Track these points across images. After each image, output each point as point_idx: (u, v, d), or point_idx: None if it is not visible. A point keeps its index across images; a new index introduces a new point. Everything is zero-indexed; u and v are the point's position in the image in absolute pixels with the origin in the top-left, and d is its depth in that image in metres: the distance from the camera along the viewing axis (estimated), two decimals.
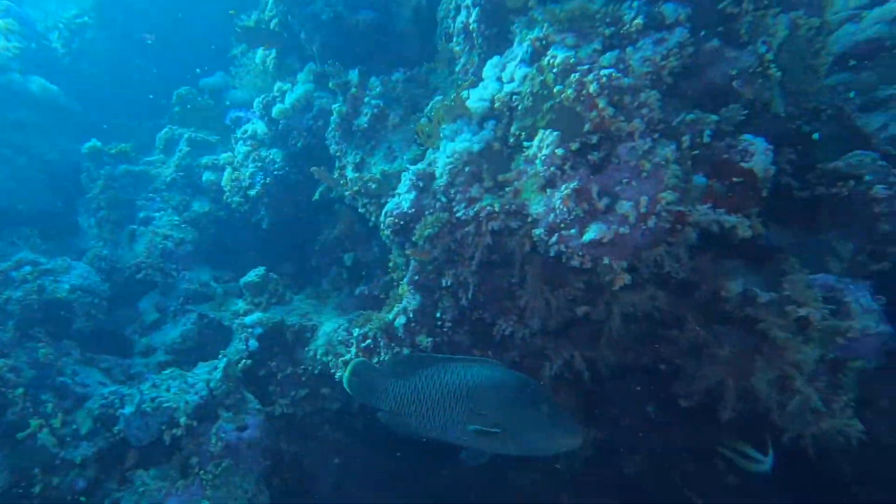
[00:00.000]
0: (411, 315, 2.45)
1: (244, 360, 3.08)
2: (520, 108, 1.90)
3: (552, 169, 1.81)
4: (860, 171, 1.85)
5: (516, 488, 2.51)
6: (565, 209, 1.78)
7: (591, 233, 1.74)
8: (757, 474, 1.85)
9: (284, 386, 3.03)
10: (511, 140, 1.97)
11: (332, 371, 2.72)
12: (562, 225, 1.82)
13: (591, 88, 1.64)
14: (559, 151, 1.77)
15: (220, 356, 3.05)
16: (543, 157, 1.83)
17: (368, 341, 2.57)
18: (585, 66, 1.68)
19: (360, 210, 2.73)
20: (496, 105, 2.00)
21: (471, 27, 2.12)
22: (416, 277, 2.41)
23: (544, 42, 1.80)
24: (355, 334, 2.63)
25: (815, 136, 1.85)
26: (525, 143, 1.90)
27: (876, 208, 1.84)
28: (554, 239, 1.84)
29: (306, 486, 2.98)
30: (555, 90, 1.74)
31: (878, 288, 1.77)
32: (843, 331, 1.61)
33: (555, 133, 1.78)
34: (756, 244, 1.74)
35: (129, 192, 3.73)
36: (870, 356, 1.65)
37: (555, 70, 1.74)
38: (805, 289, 1.65)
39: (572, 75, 1.69)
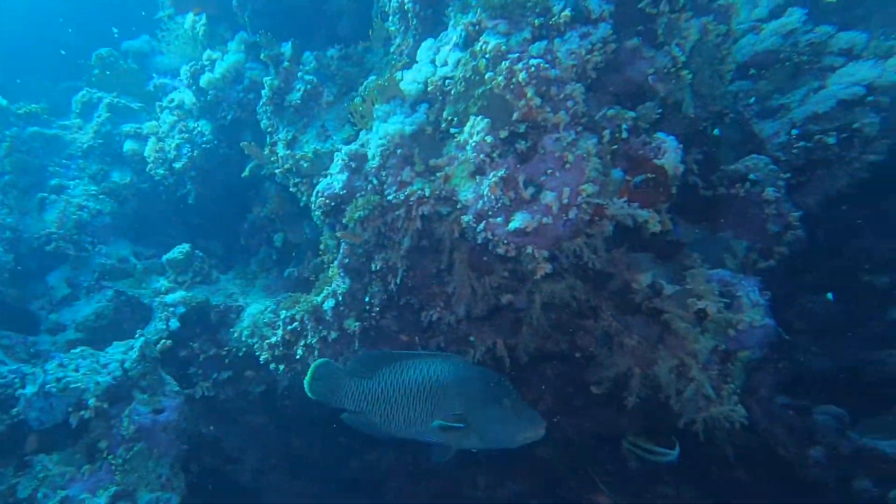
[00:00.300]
0: (340, 298, 2.35)
1: (164, 341, 2.86)
2: (453, 92, 1.83)
3: (482, 156, 1.76)
4: (754, 175, 1.95)
5: (433, 472, 2.49)
6: (493, 197, 1.75)
7: (517, 221, 1.72)
8: (664, 464, 1.93)
9: (206, 368, 2.85)
10: (443, 125, 1.91)
11: (258, 353, 2.58)
12: (489, 212, 1.78)
13: (521, 77, 1.59)
14: (489, 139, 1.73)
15: (138, 335, 2.82)
16: (474, 144, 1.77)
17: (295, 324, 2.46)
18: (516, 55, 1.63)
19: (291, 189, 2.58)
20: (429, 88, 1.92)
21: (406, 7, 2.02)
22: (347, 260, 2.31)
23: (477, 27, 1.73)
24: (282, 316, 2.51)
25: (716, 131, 1.92)
26: (452, 130, 1.84)
27: (766, 210, 1.95)
28: (481, 226, 1.81)
29: (226, 471, 2.82)
30: (486, 77, 1.69)
31: (765, 284, 1.87)
32: (734, 323, 1.68)
33: (485, 120, 1.73)
34: (664, 239, 1.79)
35: (40, 157, 3.34)
36: (755, 347, 1.75)
37: (487, 56, 1.68)
38: (704, 283, 1.71)
39: (503, 63, 1.63)
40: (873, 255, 2.73)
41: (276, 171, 2.56)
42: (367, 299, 2.31)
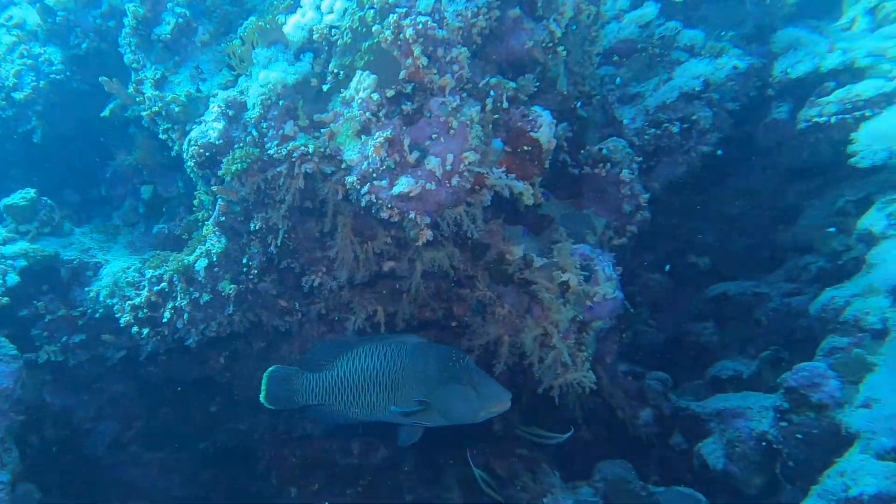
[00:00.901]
0: (214, 259, 2.01)
1: None
2: (339, 43, 1.58)
3: (367, 114, 1.55)
4: (614, 157, 1.99)
5: (307, 440, 2.29)
6: (378, 158, 1.56)
7: (401, 185, 1.55)
8: (553, 444, 1.97)
9: (54, 330, 2.31)
10: (329, 78, 1.66)
11: (118, 315, 2.14)
12: (374, 175, 1.59)
13: (408, 34, 1.40)
14: (375, 96, 1.52)
15: None
16: (360, 101, 1.55)
17: (163, 285, 2.07)
18: (404, 9, 1.42)
19: (161, 136, 2.13)
20: (315, 36, 1.64)
21: None
22: (223, 218, 1.98)
23: None
24: (148, 276, 2.09)
25: (579, 104, 1.91)
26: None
27: (622, 190, 2.00)
28: (365, 188, 1.61)
29: (76, 444, 2.35)
30: (373, 29, 1.47)
31: (617, 259, 1.94)
32: (591, 295, 1.71)
33: (372, 76, 1.52)
34: (536, 212, 1.75)
35: None
36: (606, 318, 1.80)
37: (374, 7, 1.46)
38: (569, 256, 1.71)
39: (391, 15, 1.42)
40: (699, 239, 3.03)
41: (143, 113, 2.09)
42: (244, 260, 2.01)
